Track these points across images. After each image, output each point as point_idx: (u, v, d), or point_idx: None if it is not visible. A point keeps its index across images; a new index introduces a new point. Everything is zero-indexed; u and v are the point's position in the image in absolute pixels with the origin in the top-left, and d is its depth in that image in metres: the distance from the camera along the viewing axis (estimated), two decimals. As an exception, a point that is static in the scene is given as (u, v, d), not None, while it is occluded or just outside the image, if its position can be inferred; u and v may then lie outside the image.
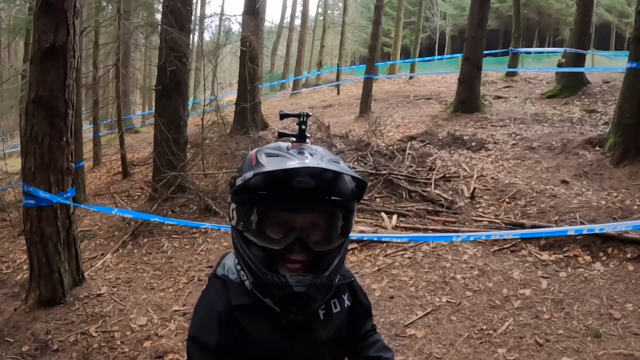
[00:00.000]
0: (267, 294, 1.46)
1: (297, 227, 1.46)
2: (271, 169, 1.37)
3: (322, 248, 1.49)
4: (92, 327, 5.21)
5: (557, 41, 51.60)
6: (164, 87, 9.26)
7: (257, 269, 1.45)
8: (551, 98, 15.48)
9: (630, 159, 8.13)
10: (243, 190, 1.45)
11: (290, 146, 1.51)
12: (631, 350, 3.99)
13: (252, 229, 1.47)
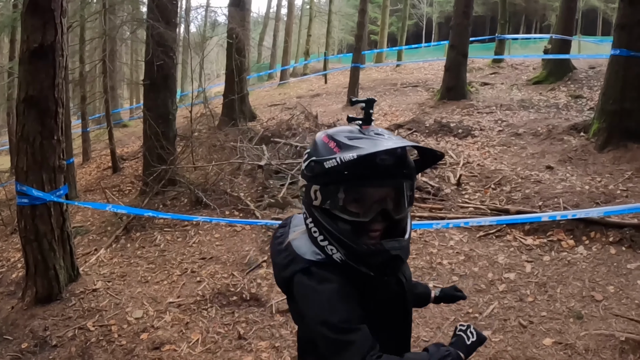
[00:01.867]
0: (362, 262, 1.63)
1: (379, 199, 1.65)
2: (373, 150, 1.54)
3: (399, 215, 1.69)
4: (89, 321, 5.31)
5: (543, 27, 51.80)
6: (152, 82, 9.30)
7: (350, 241, 1.62)
8: (537, 84, 15.63)
9: (614, 145, 8.30)
10: (333, 172, 1.59)
11: (361, 129, 1.68)
12: (612, 331, 4.16)
13: (339, 205, 1.63)
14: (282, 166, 9.15)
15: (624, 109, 8.34)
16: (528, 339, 4.27)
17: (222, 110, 14.87)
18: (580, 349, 4.04)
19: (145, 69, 9.69)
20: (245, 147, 10.36)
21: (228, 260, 6.53)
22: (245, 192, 8.70)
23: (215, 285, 5.90)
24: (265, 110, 17.78)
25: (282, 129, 11.87)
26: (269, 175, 9.01)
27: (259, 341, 4.75)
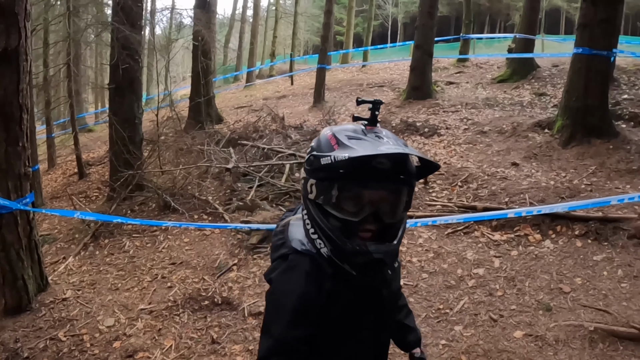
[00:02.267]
0: (346, 260, 1.66)
1: (372, 201, 1.65)
2: (365, 153, 1.55)
3: (391, 220, 1.70)
4: (61, 331, 5.23)
5: (507, 26, 52.74)
6: (117, 86, 9.20)
7: (337, 238, 1.65)
8: (502, 82, 15.86)
9: (578, 140, 8.49)
10: (327, 169, 1.64)
11: (365, 129, 1.70)
12: (581, 321, 4.28)
13: (331, 202, 1.67)
14: (250, 169, 9.14)
15: (586, 106, 8.53)
16: (499, 332, 4.36)
17: (189, 113, 14.77)
18: (550, 340, 4.15)
19: (110, 73, 9.57)
20: (212, 150, 10.32)
21: (198, 265, 6.50)
22: (213, 196, 8.67)
23: (187, 290, 5.87)
24: (232, 112, 17.71)
25: (249, 131, 11.85)
26: (237, 178, 9.00)
27: (233, 345, 4.75)
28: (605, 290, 4.67)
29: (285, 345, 1.67)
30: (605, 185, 6.93)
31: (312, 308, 1.66)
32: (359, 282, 1.71)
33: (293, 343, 1.67)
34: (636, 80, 13.43)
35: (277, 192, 8.29)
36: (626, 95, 12.02)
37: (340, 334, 1.74)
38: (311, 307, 1.66)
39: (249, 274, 6.07)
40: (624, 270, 4.92)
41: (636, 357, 3.85)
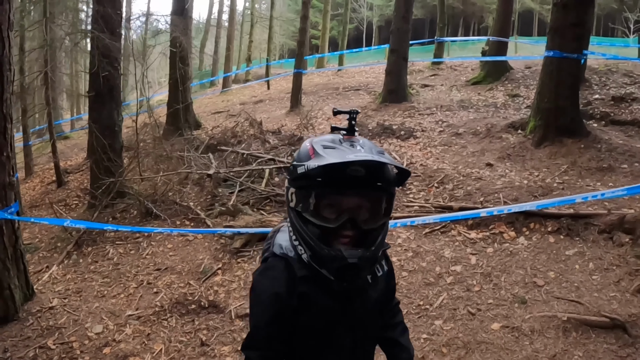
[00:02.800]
0: (324, 266, 1.75)
1: (349, 208, 1.74)
2: (333, 161, 1.63)
3: (369, 226, 1.76)
4: (49, 340, 5.27)
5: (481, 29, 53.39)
6: (97, 93, 9.22)
7: (315, 244, 1.73)
8: (476, 84, 16.14)
9: (550, 140, 8.74)
10: (303, 177, 1.72)
11: (342, 139, 1.78)
12: (554, 312, 4.49)
13: (310, 210, 1.74)
14: (230, 174, 9.23)
15: (558, 107, 8.80)
16: (477, 325, 4.56)
17: (167, 119, 14.79)
18: (526, 330, 4.35)
19: (90, 81, 9.59)
20: (192, 156, 10.39)
21: (183, 270, 6.59)
22: (194, 202, 8.75)
23: (173, 295, 5.96)
24: (210, 118, 17.75)
25: (227, 136, 11.93)
26: (218, 184, 9.08)
27: (222, 346, 4.87)
28: (577, 283, 4.90)
29: (260, 341, 1.84)
30: (576, 183, 7.19)
31: (284, 308, 1.79)
32: (337, 288, 1.80)
33: (267, 339, 1.83)
34: (607, 80, 13.79)
35: (258, 196, 8.40)
36: (597, 95, 12.37)
37: (315, 339, 1.87)
38: (283, 307, 1.79)
39: (233, 277, 6.18)
40: (595, 264, 5.16)
41: (607, 344, 4.07)
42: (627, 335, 4.11)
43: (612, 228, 5.60)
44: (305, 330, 1.85)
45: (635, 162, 7.79)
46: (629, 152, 8.11)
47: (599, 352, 4.00)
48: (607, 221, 5.68)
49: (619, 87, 13.08)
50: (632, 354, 3.95)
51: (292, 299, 1.80)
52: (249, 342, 1.87)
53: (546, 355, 4.04)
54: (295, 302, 1.80)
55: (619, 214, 5.70)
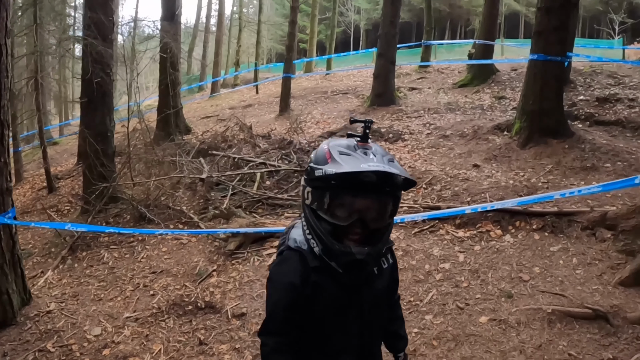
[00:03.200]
0: (334, 259, 1.98)
1: (359, 209, 1.94)
2: (348, 170, 1.83)
3: (376, 226, 1.98)
4: (49, 343, 5.34)
5: (468, 31, 53.73)
6: (89, 99, 9.29)
7: (326, 239, 1.95)
8: (463, 87, 16.38)
9: (535, 141, 8.93)
10: (320, 180, 1.92)
11: (357, 145, 1.97)
12: (540, 305, 4.67)
13: (324, 208, 1.96)
14: (222, 178, 9.35)
15: (542, 109, 9.00)
16: (466, 319, 4.72)
17: (157, 124, 14.86)
18: (512, 323, 4.52)
19: (82, 87, 9.64)
20: (183, 161, 10.50)
21: (179, 272, 6.69)
22: (187, 206, 8.84)
23: (169, 296, 6.06)
24: (199, 122, 17.84)
25: (218, 141, 12.04)
26: (210, 188, 9.19)
27: (220, 345, 4.99)
28: (561, 277, 5.08)
29: (276, 327, 2.07)
30: (561, 182, 7.38)
31: (299, 296, 2.01)
32: (344, 279, 2.02)
33: (283, 326, 2.05)
34: (591, 82, 14.07)
35: (250, 199, 8.53)
36: (582, 96, 12.63)
37: (326, 325, 2.08)
38: (298, 295, 2.01)
39: (229, 278, 6.30)
40: (579, 259, 5.35)
41: (590, 334, 4.25)
42: (609, 325, 4.30)
43: (594, 224, 5.80)
44: (317, 317, 2.05)
45: (618, 161, 8.02)
46: (612, 151, 8.33)
47: (583, 342, 4.18)
48: (590, 218, 5.88)
49: (603, 88, 13.35)
50: (614, 342, 4.13)
51: (306, 288, 2.01)
52: (266, 328, 2.09)
53: (532, 345, 4.21)
54: (309, 290, 2.01)
55: (601, 211, 5.90)
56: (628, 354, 4.00)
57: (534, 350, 4.17)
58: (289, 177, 9.19)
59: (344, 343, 2.11)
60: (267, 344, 2.09)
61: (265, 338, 2.10)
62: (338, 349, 2.11)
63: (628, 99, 12.04)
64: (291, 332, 2.06)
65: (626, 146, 8.82)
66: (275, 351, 2.06)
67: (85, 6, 9.68)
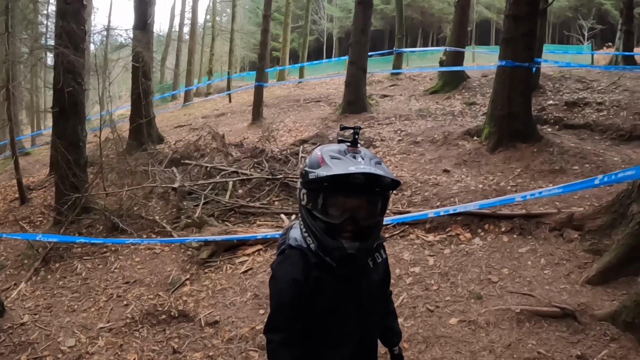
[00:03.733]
0: (328, 254, 2.14)
1: (350, 208, 2.10)
2: (337, 173, 1.99)
3: (367, 223, 2.14)
4: (23, 355, 5.33)
5: (440, 39, 54.42)
6: (61, 109, 9.21)
7: (321, 236, 2.12)
8: (434, 94, 16.59)
9: (504, 146, 9.07)
10: (313, 182, 2.08)
11: (347, 150, 2.13)
12: (508, 305, 4.76)
13: (318, 208, 2.12)
14: (195, 187, 9.34)
15: (511, 114, 9.15)
16: (436, 321, 4.79)
17: (130, 134, 14.77)
18: (482, 323, 4.60)
19: (54, 96, 9.56)
20: (156, 170, 10.45)
21: (152, 282, 6.69)
22: (160, 215, 8.82)
23: (143, 306, 6.06)
24: (172, 132, 17.79)
25: (190, 150, 12.02)
26: (183, 197, 9.17)
27: (194, 353, 5.00)
28: (529, 278, 5.19)
29: (281, 323, 2.20)
30: (529, 185, 7.53)
31: (302, 291, 2.15)
32: (338, 272, 2.17)
33: (288, 321, 2.19)
34: (560, 86, 14.36)
35: (223, 208, 8.54)
36: (551, 101, 12.89)
37: (328, 318, 2.22)
38: (301, 290, 2.15)
39: (202, 287, 6.31)
40: (547, 259, 5.47)
41: (559, 332, 4.35)
42: (577, 322, 4.40)
43: (562, 225, 5.93)
44: (319, 310, 2.19)
45: (585, 163, 8.19)
46: (580, 154, 8.51)
47: (552, 340, 4.27)
48: (557, 219, 6.01)
49: (572, 93, 13.63)
50: (582, 339, 4.23)
51: (309, 282, 2.16)
52: (271, 324, 2.24)
53: (502, 345, 4.30)
54: (311, 285, 2.16)
55: (568, 212, 6.03)
56: (596, 350, 4.11)
57: (503, 349, 4.25)
58: (261, 185, 9.21)
59: (344, 334, 2.25)
60: (273, 340, 2.21)
61: (271, 335, 2.23)
62: (339, 341, 2.25)
63: (596, 102, 12.31)
64: (296, 326, 2.19)
65: (594, 149, 9.02)
66: (282, 346, 2.18)
67: (57, 15, 9.60)
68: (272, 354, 2.22)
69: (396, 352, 2.62)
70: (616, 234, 5.37)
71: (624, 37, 17.58)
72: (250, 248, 6.92)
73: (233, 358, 4.77)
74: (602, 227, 5.59)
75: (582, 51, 26.68)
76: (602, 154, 8.65)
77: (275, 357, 2.21)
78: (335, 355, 2.25)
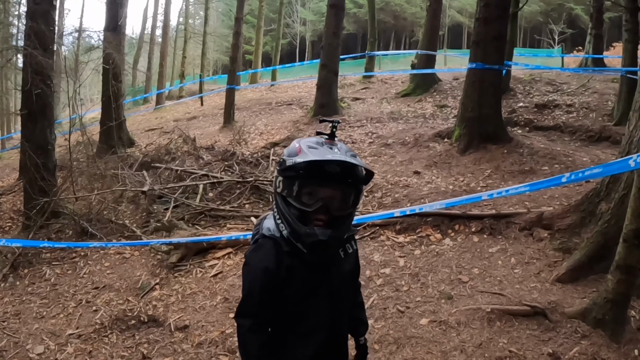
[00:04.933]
0: (299, 240, 2.19)
1: (324, 197, 2.18)
2: (314, 159, 2.08)
3: (339, 213, 2.21)
4: (-10, 363, 5.22)
5: (412, 42, 54.81)
6: (29, 112, 9.02)
7: (294, 222, 2.18)
8: (406, 97, 16.68)
9: (475, 147, 9.17)
10: (290, 169, 2.16)
11: (324, 142, 2.20)
12: (479, 305, 4.81)
13: (293, 195, 2.19)
14: (165, 190, 9.24)
15: (481, 115, 9.27)
16: (407, 321, 4.81)
17: (100, 137, 14.57)
18: (452, 323, 4.64)
19: (22, 98, 9.36)
20: (126, 174, 10.33)
21: (121, 287, 6.60)
22: (130, 219, 8.72)
23: (112, 312, 5.97)
24: (143, 135, 17.60)
25: (161, 153, 11.90)
26: (153, 201, 9.07)
27: (163, 358, 4.94)
28: (500, 277, 5.24)
29: (252, 309, 2.26)
30: (499, 185, 7.60)
31: (274, 279, 2.21)
32: (310, 258, 2.22)
33: (258, 307, 2.24)
34: (531, 89, 14.58)
35: (193, 211, 8.45)
36: (522, 103, 13.09)
37: (299, 305, 2.27)
38: (272, 278, 2.20)
39: (171, 291, 6.24)
40: (517, 258, 5.54)
41: (530, 330, 4.41)
42: (548, 320, 4.47)
43: (531, 225, 6.01)
44: (291, 298, 2.24)
45: (555, 163, 8.32)
46: (549, 155, 8.64)
47: (523, 338, 4.32)
48: (527, 219, 6.09)
49: (542, 95, 13.86)
50: (553, 337, 4.30)
51: (280, 271, 2.20)
52: (242, 310, 2.29)
53: (473, 344, 4.33)
54: (283, 274, 2.20)
55: (537, 212, 6.12)
56: (567, 347, 4.17)
57: (474, 349, 4.28)
58: (232, 188, 9.14)
59: (315, 323, 2.29)
60: (243, 325, 2.28)
61: (241, 320, 2.30)
62: (310, 329, 2.30)
63: (566, 104, 12.57)
64: (266, 313, 2.26)
65: (564, 149, 9.16)
66: (250, 331, 2.26)
67: (27, 15, 9.42)
68: (242, 338, 2.31)
69: (362, 342, 2.67)
70: (585, 233, 5.46)
71: (594, 40, 17.90)
72: (221, 251, 6.87)
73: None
74: (572, 226, 5.68)
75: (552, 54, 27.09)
76: (572, 154, 8.79)
77: (244, 341, 2.30)
78: (306, 343, 2.30)
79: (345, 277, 2.41)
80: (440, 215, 6.50)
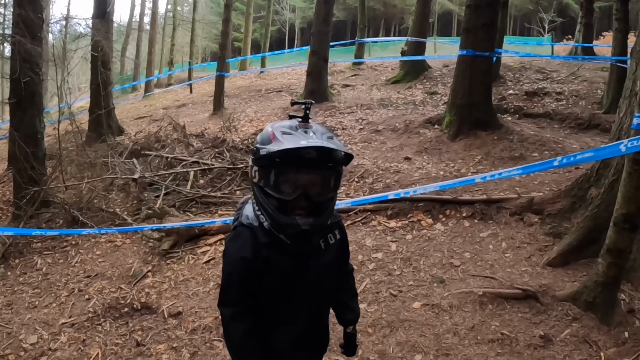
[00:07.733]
0: (282, 231, 2.15)
1: (303, 184, 2.10)
2: (288, 147, 1.97)
3: (319, 199, 2.14)
4: (-17, 354, 5.20)
5: (402, 29, 54.75)
6: (18, 100, 8.94)
7: (274, 213, 2.12)
8: (396, 83, 16.67)
9: (465, 134, 9.22)
10: (265, 159, 2.08)
11: (298, 125, 2.11)
12: (470, 288, 4.87)
13: (270, 185, 2.11)
14: (155, 178, 9.22)
15: (472, 102, 9.31)
16: (399, 305, 4.86)
17: (89, 126, 14.45)
18: (445, 306, 4.69)
19: (11, 87, 9.26)
20: (116, 162, 10.29)
21: (113, 275, 6.58)
22: (120, 207, 8.70)
23: (105, 300, 5.96)
24: (132, 123, 17.50)
25: (151, 141, 11.84)
26: (143, 188, 9.05)
27: (157, 345, 4.95)
28: (491, 261, 5.30)
29: (232, 298, 2.24)
30: (489, 172, 7.60)
31: (251, 269, 2.17)
32: (293, 250, 2.19)
33: (238, 296, 2.22)
34: (521, 77, 14.64)
35: (184, 199, 8.44)
36: (511, 90, 13.14)
37: (277, 295, 2.24)
38: (249, 268, 2.16)
39: (164, 278, 6.25)
40: (508, 243, 5.60)
41: (521, 313, 4.47)
42: (539, 303, 4.53)
43: (522, 210, 6.07)
44: (268, 288, 2.21)
45: (545, 150, 8.37)
46: (539, 141, 8.69)
47: (514, 321, 4.38)
48: (518, 204, 6.14)
49: (532, 83, 13.91)
50: (545, 320, 4.37)
51: (258, 262, 2.16)
52: (223, 299, 2.31)
53: (465, 327, 4.38)
54: (260, 264, 2.16)
55: (528, 197, 6.17)
56: (559, 330, 4.24)
57: (467, 331, 4.33)
58: (222, 175, 9.14)
59: (293, 312, 2.28)
60: (225, 313, 2.27)
61: (223, 308, 2.28)
62: (289, 317, 2.28)
63: (555, 92, 12.65)
64: (247, 301, 2.22)
65: (553, 136, 9.22)
66: (233, 319, 2.24)
67: (15, 3, 9.32)
68: (225, 325, 2.30)
69: (349, 331, 2.61)
70: (576, 217, 5.53)
71: (584, 29, 18.01)
72: (212, 238, 6.88)
73: (197, 348, 4.74)
74: (562, 210, 5.74)
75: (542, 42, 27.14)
76: (561, 141, 8.85)
77: (227, 328, 2.29)
78: (286, 331, 2.30)
79: (325, 270, 2.34)
80: (431, 200, 6.55)
